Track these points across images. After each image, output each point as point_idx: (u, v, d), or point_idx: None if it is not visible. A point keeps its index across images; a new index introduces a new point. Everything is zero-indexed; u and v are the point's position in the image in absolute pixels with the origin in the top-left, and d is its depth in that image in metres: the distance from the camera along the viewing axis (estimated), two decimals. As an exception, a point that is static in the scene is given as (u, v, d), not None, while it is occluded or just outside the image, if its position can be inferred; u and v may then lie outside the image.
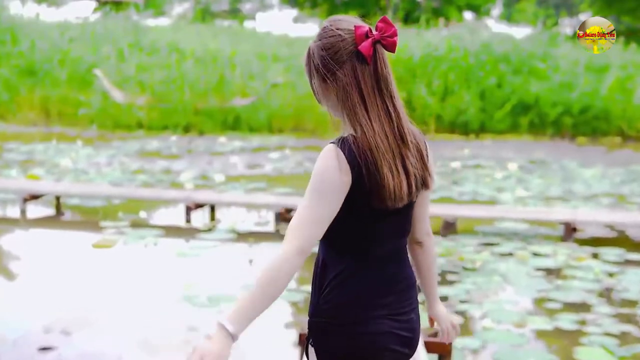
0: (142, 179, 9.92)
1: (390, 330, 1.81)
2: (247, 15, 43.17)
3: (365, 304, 1.80)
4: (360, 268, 1.81)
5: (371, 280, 1.82)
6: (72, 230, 7.41)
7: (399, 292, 1.85)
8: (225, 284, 5.44)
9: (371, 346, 1.80)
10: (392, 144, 1.74)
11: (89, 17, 24.87)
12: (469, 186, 9.81)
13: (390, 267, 1.85)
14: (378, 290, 1.82)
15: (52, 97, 17.31)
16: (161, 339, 4.40)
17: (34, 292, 5.26)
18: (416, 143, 1.80)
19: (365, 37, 1.75)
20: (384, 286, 1.82)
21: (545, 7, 36.67)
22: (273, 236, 7.10)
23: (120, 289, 5.34)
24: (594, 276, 5.74)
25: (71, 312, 4.79)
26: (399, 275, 1.87)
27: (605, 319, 4.78)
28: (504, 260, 6.18)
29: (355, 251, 1.82)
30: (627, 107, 16.53)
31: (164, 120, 16.26)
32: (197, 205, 7.67)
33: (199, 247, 6.55)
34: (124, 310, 4.86)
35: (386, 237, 1.83)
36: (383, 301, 1.82)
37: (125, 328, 4.55)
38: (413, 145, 1.79)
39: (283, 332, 4.58)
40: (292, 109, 16.40)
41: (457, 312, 4.91)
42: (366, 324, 1.79)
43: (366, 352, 1.80)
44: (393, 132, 1.75)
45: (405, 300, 1.87)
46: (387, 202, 1.74)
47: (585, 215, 7.21)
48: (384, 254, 1.84)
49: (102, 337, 4.39)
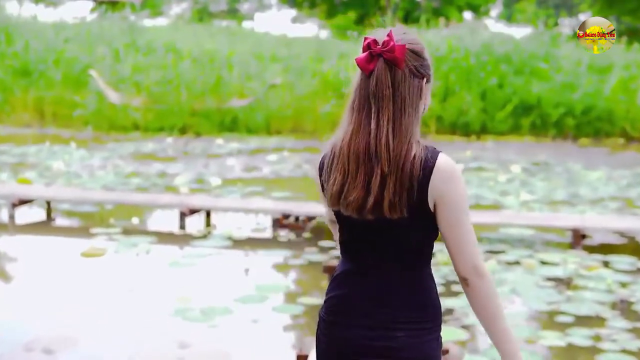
0: (136, 183, 9.65)
1: (359, 339, 1.80)
2: (245, 16, 42.96)
3: (343, 309, 1.83)
4: (349, 272, 1.84)
5: (352, 286, 1.82)
6: (62, 237, 7.14)
7: (380, 305, 1.80)
8: (219, 296, 5.17)
9: (338, 349, 1.83)
10: (361, 156, 1.73)
11: (86, 17, 24.63)
12: (472, 190, 9.55)
13: (374, 282, 1.81)
14: (355, 298, 1.82)
15: (46, 98, 17.04)
16: (150, 357, 4.13)
17: (15, 306, 4.99)
18: (400, 168, 1.71)
19: (368, 48, 1.75)
20: (365, 295, 1.81)
21: (545, 7, 36.47)
22: (270, 243, 6.83)
23: (108, 302, 5.07)
24: (606, 286, 5.48)
25: (54, 328, 4.52)
26: (382, 291, 1.81)
27: (621, 334, 4.52)
28: (511, 270, 5.92)
29: (344, 254, 1.88)
30: (631, 108, 16.29)
31: (160, 121, 15.99)
32: (191, 210, 7.40)
33: (192, 255, 6.28)
34: (111, 326, 4.59)
35: (364, 250, 1.82)
36: (358, 310, 1.81)
37: (112, 345, 4.28)
38: (392, 169, 1.71)
39: (284, 352, 4.32)
40: (291, 110, 16.14)
41: (463, 327, 4.65)
42: (337, 327, 1.82)
43: (333, 354, 1.84)
44: (366, 147, 1.73)
45: (385, 314, 1.79)
46: (332, 204, 1.78)
47: (594, 221, 6.95)
48: (367, 267, 1.82)
49: (87, 355, 4.13)
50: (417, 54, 1.77)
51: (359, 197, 1.73)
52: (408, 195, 1.70)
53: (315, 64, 18.43)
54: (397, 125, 1.72)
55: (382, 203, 1.71)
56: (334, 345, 1.83)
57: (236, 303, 4.99)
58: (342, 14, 30.56)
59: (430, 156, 1.72)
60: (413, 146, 1.72)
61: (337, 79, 17.07)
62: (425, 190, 1.71)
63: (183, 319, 4.67)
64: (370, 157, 1.72)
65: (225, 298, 5.09)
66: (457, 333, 4.51)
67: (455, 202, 1.72)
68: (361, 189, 1.73)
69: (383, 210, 1.72)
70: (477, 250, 1.76)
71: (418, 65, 1.77)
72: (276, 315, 4.80)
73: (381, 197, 1.71)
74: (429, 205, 1.73)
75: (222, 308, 4.87)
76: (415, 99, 1.76)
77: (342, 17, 30.51)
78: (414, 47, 1.77)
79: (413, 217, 1.73)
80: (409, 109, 1.74)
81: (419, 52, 1.78)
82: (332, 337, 1.84)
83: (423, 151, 1.72)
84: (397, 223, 1.74)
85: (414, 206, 1.72)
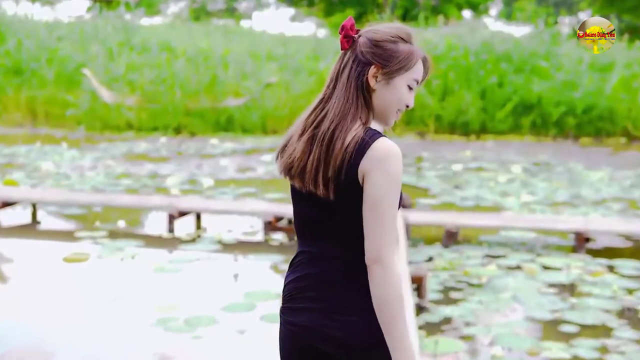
0: (126, 184, 9.39)
1: (284, 324, 1.85)
2: (243, 14, 42.71)
3: (285, 293, 1.88)
4: (298, 255, 1.88)
5: (301, 271, 1.85)
6: (46, 240, 6.87)
7: (304, 288, 1.82)
8: (205, 304, 4.91)
9: (287, 335, 1.86)
10: (307, 127, 1.80)
11: (83, 15, 24.37)
12: (472, 191, 9.30)
13: (318, 265, 1.82)
14: (295, 282, 1.85)
15: (39, 97, 16.78)
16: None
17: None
18: (327, 145, 1.75)
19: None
20: (299, 279, 1.84)
21: (545, 6, 36.23)
22: (261, 247, 6.57)
23: (85, 311, 4.80)
24: (612, 293, 5.22)
25: (27, 341, 4.25)
26: (310, 275, 1.82)
27: (629, 346, 4.26)
28: (512, 275, 5.66)
29: (297, 237, 1.91)
30: (633, 107, 16.04)
31: (154, 121, 15.73)
32: (180, 213, 7.14)
33: (180, 260, 6.02)
34: (88, 338, 4.33)
35: (304, 229, 1.85)
36: (298, 294, 1.83)
37: (89, 358, 4.02)
38: (320, 143, 1.75)
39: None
40: (287, 109, 15.88)
41: (462, 337, 4.39)
42: (289, 313, 1.85)
43: (287, 340, 1.87)
44: (311, 119, 1.81)
45: (307, 296, 1.81)
46: (278, 166, 1.84)
47: (598, 224, 6.69)
48: (307, 249, 1.84)
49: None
50: (371, 41, 1.79)
51: (291, 159, 1.79)
52: (334, 173, 1.71)
53: (312, 63, 18.17)
54: (332, 104, 1.78)
55: (305, 171, 1.76)
56: (287, 331, 1.84)
57: (222, 312, 4.73)
58: (340, 12, 30.30)
59: (369, 138, 1.71)
60: (349, 127, 1.73)
61: (334, 78, 16.80)
62: (355, 170, 1.70)
63: (165, 330, 4.41)
64: (312, 129, 1.79)
65: (211, 306, 4.83)
66: (454, 345, 4.25)
67: (377, 184, 1.69)
68: (293, 151, 1.80)
69: (305, 180, 1.75)
70: (386, 239, 1.69)
71: (366, 52, 1.78)
72: (264, 325, 4.53)
73: (305, 164, 1.76)
74: (360, 185, 1.71)
75: (207, 318, 4.60)
76: (353, 81, 1.78)
77: (340, 15, 30.24)
78: (371, 35, 1.80)
79: (341, 198, 1.73)
80: (344, 91, 1.78)
81: (375, 39, 1.79)
82: (284, 323, 1.86)
83: (363, 134, 1.73)
84: (327, 204, 1.75)
85: (343, 187, 1.72)
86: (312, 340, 1.79)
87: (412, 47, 1.82)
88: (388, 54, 1.78)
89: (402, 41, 1.80)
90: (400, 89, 1.80)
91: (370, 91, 1.79)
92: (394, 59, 1.78)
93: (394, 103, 1.80)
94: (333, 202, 1.74)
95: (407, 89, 1.81)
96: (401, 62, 1.79)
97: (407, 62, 1.79)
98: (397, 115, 1.83)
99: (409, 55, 1.80)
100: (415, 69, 1.81)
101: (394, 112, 1.82)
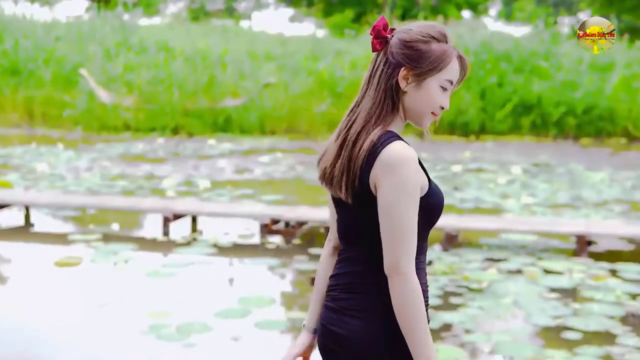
0: (122, 186, 9.27)
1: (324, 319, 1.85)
2: (242, 15, 42.63)
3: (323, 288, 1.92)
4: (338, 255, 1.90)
5: (333, 271, 1.88)
6: (38, 244, 6.74)
7: (331, 287, 1.85)
8: (198, 310, 4.79)
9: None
10: (341, 129, 1.78)
11: (81, 15, 24.25)
12: (472, 192, 9.18)
13: (339, 265, 1.85)
14: (329, 280, 1.88)
15: (36, 97, 16.66)
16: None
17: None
18: (350, 150, 1.74)
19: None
20: (331, 278, 1.87)
21: (544, 6, 36.14)
22: (257, 250, 6.46)
23: (77, 317, 4.68)
24: (615, 298, 5.11)
25: (14, 349, 4.13)
26: (337, 275, 1.84)
27: (634, 354, 4.14)
28: (513, 279, 5.54)
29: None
30: (633, 107, 15.93)
31: (151, 121, 15.61)
32: (176, 215, 7.02)
33: (174, 264, 5.90)
34: (77, 346, 4.21)
35: (339, 231, 1.84)
36: (328, 292, 1.87)
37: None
38: (346, 149, 1.75)
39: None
40: (286, 109, 15.77)
41: (462, 345, 4.28)
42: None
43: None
44: (343, 123, 1.80)
45: (331, 294, 1.85)
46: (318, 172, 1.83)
47: (600, 227, 6.58)
48: (341, 249, 1.86)
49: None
50: (402, 42, 1.74)
51: (325, 164, 1.79)
52: (352, 179, 1.71)
53: (311, 63, 18.06)
54: (362, 107, 1.76)
55: (333, 176, 1.75)
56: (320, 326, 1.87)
57: (216, 318, 4.61)
58: (339, 13, 30.19)
59: (381, 143, 1.68)
60: (370, 131, 1.71)
61: (332, 78, 16.71)
62: (367, 177, 1.69)
63: (157, 337, 4.29)
64: (344, 133, 1.76)
65: (205, 313, 4.71)
66: (454, 352, 4.13)
67: (386, 191, 1.66)
68: (327, 156, 1.79)
69: (333, 184, 1.75)
70: (403, 250, 1.66)
71: (397, 53, 1.73)
72: (259, 332, 4.42)
73: (333, 169, 1.75)
74: (372, 193, 1.70)
75: (200, 324, 4.49)
76: (383, 84, 1.74)
77: (340, 15, 30.14)
78: (402, 35, 1.75)
79: (358, 202, 1.72)
80: (374, 93, 1.75)
81: (406, 40, 1.74)
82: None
83: (377, 138, 1.69)
84: (351, 208, 1.75)
85: (359, 192, 1.71)
86: (324, 336, 1.81)
87: (445, 46, 1.75)
88: (419, 54, 1.73)
89: (434, 41, 1.74)
90: (433, 91, 1.74)
91: (401, 93, 1.74)
92: (425, 59, 1.73)
93: (427, 105, 1.75)
94: (353, 206, 1.75)
95: (440, 90, 1.75)
96: (433, 63, 1.73)
97: (439, 62, 1.73)
98: (432, 117, 1.78)
99: (441, 55, 1.73)
100: (448, 69, 1.75)
101: (427, 114, 1.77)
